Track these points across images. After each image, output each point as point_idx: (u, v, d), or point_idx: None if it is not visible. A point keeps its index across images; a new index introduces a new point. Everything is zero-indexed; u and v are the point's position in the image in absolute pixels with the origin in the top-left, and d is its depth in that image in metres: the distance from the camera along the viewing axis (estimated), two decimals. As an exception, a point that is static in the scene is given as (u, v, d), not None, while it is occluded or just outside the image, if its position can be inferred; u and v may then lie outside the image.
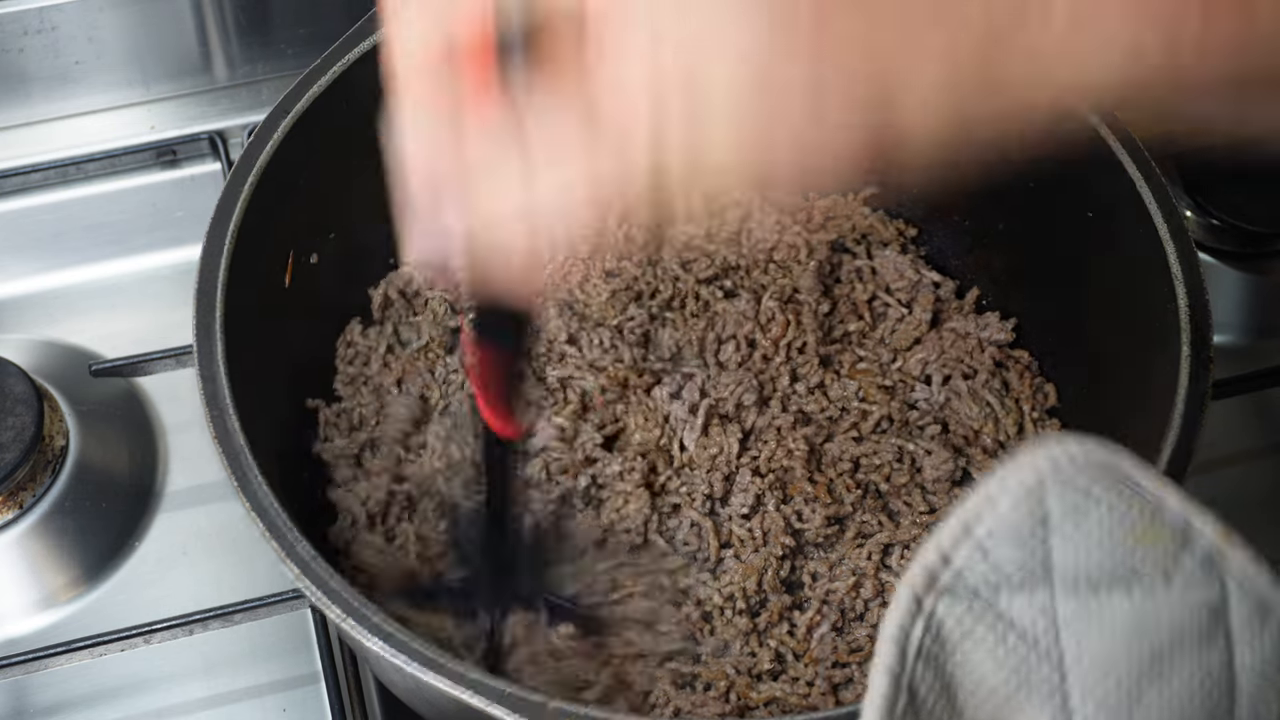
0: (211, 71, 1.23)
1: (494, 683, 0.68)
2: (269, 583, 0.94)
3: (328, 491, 0.92)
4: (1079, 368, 0.95)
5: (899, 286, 1.02)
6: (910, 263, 1.02)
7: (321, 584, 0.71)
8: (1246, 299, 1.15)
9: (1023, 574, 0.54)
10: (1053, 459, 0.55)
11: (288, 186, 0.87)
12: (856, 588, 0.88)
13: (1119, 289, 0.88)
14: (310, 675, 0.95)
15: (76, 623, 0.97)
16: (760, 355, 0.98)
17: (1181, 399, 0.78)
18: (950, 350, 0.98)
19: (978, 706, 0.54)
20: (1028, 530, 0.54)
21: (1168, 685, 0.54)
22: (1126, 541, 0.54)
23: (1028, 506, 0.54)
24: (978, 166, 0.55)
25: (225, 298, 0.81)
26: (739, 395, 0.95)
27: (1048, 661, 0.54)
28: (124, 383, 1.06)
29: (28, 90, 1.20)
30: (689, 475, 0.92)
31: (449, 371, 0.97)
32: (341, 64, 0.89)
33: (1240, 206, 1.14)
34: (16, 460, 0.96)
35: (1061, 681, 0.54)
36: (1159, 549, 0.54)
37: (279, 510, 0.73)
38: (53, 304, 1.13)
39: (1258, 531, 1.01)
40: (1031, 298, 0.98)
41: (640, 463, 0.91)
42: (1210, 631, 0.54)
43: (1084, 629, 0.54)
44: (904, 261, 1.02)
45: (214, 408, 0.77)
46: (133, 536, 1.01)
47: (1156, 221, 0.83)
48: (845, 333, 1.00)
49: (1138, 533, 0.54)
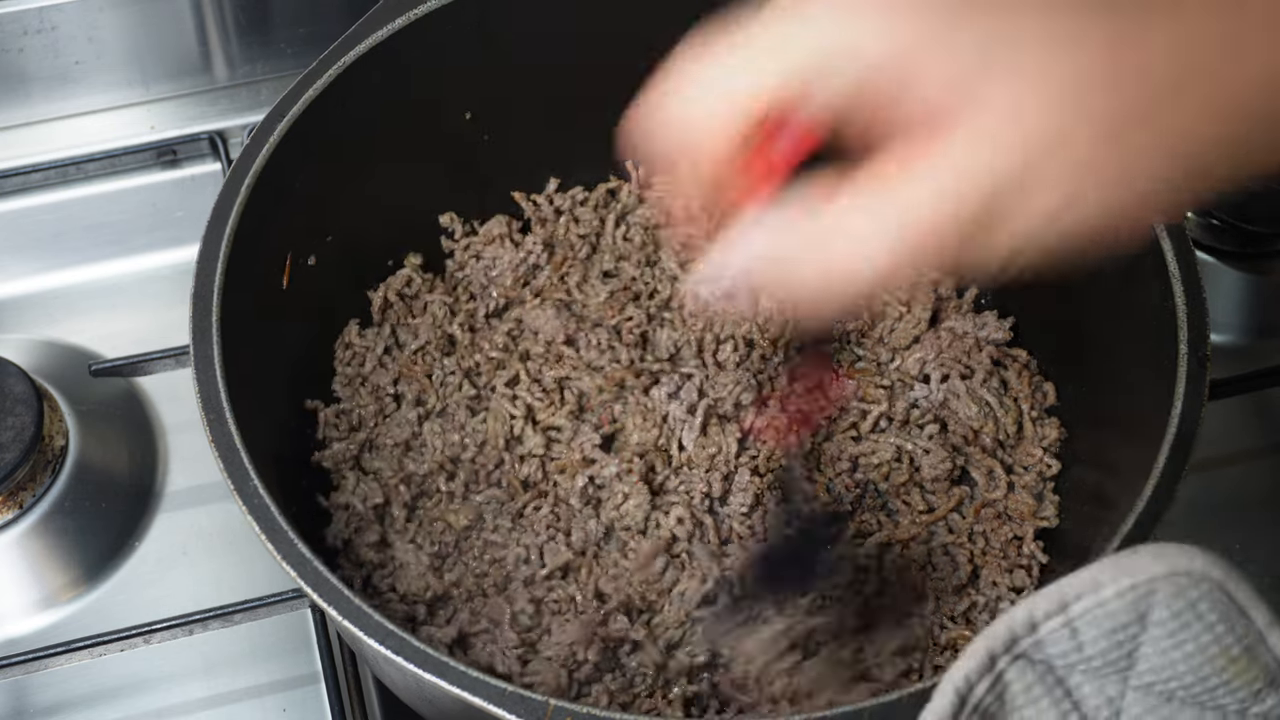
0: (211, 71, 1.23)
1: (494, 682, 0.68)
2: (269, 583, 0.94)
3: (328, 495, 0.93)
4: (1078, 367, 0.95)
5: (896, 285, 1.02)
6: None
7: (321, 584, 0.71)
8: (1246, 299, 1.15)
9: (1104, 662, 0.54)
10: (1171, 564, 0.55)
11: (285, 188, 0.87)
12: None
13: (1117, 288, 0.87)
14: (310, 675, 0.95)
15: (76, 623, 0.97)
16: (759, 355, 0.98)
17: (1180, 398, 0.78)
18: (948, 349, 0.98)
19: None
20: (1124, 623, 0.54)
21: None
22: (1216, 665, 0.54)
23: (1131, 601, 0.54)
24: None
25: (222, 300, 0.81)
26: (737, 395, 0.95)
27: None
28: (124, 383, 1.06)
29: (28, 90, 1.20)
30: (687, 475, 0.93)
31: (446, 373, 0.97)
32: (339, 65, 0.89)
33: (1240, 206, 1.14)
34: (16, 460, 0.96)
35: None
36: (1246, 682, 0.54)
37: (276, 512, 0.73)
38: (53, 304, 1.13)
39: (1258, 531, 1.02)
40: (1030, 297, 0.98)
41: (639, 463, 0.91)
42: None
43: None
44: None
45: (211, 410, 0.77)
46: (133, 536, 1.01)
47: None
48: (844, 331, 1.00)
49: (1230, 660, 0.54)
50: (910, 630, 0.86)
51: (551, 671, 0.83)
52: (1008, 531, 0.91)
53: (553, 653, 0.84)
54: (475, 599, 0.88)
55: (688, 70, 0.57)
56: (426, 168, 1.00)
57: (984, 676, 0.54)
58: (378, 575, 0.89)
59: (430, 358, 0.98)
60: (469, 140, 1.01)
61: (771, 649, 0.82)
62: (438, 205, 1.03)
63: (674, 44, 0.99)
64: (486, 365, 0.97)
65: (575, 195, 1.06)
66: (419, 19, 0.92)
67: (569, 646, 0.84)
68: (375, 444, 0.94)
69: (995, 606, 0.87)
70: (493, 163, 1.03)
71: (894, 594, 0.88)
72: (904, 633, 0.85)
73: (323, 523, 0.91)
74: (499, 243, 1.02)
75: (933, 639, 0.87)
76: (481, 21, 0.95)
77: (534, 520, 0.91)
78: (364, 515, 0.91)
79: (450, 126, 0.99)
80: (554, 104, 1.02)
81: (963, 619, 0.87)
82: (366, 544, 0.90)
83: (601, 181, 1.07)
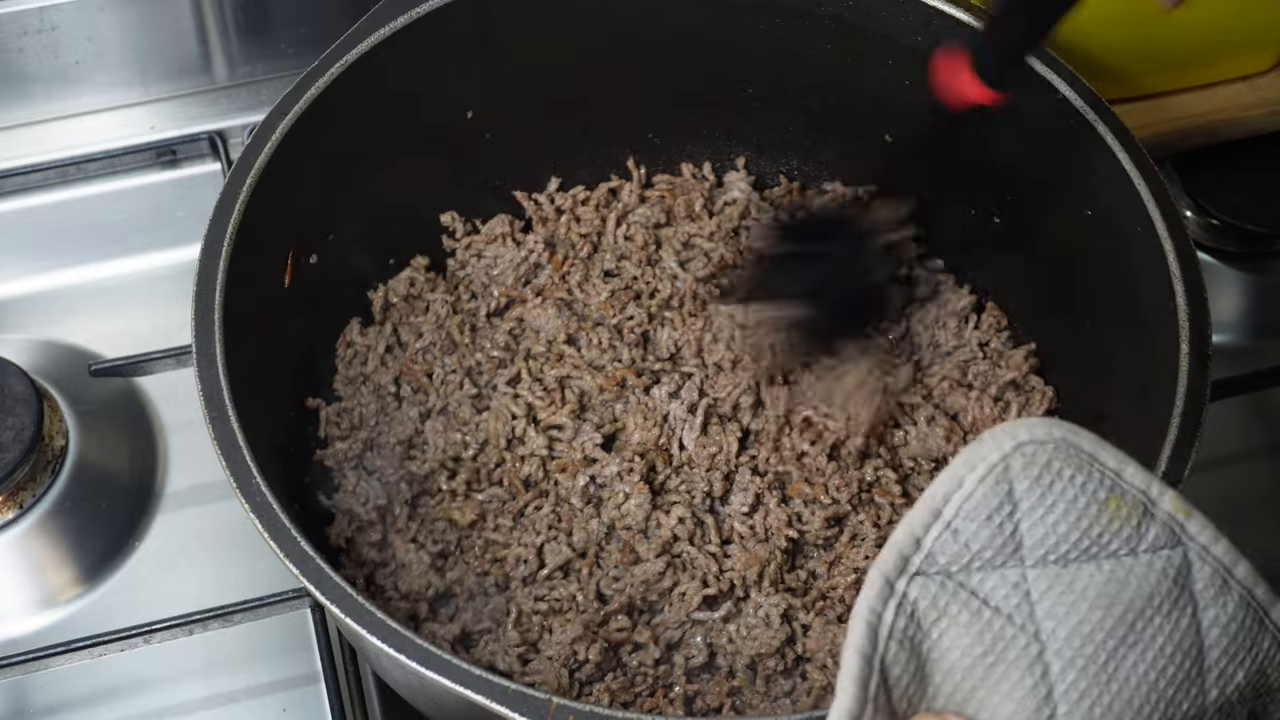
0: (211, 71, 1.23)
1: (497, 680, 0.68)
2: (269, 583, 0.94)
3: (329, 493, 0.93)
4: (1079, 367, 0.95)
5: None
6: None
7: (324, 581, 0.71)
8: (1246, 299, 1.15)
9: (993, 552, 0.56)
10: (1015, 439, 0.56)
11: (287, 187, 0.87)
12: (858, 584, 0.89)
13: (1118, 288, 0.88)
14: (310, 675, 0.95)
15: (76, 623, 0.97)
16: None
17: (1181, 397, 0.78)
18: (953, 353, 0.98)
19: (956, 684, 0.55)
20: (995, 508, 0.56)
21: (1143, 649, 0.55)
22: (1091, 514, 0.56)
23: (994, 485, 0.56)
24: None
25: (224, 299, 0.81)
26: (736, 396, 0.95)
27: (1024, 634, 0.55)
28: (124, 383, 1.06)
29: (28, 90, 1.20)
30: (688, 474, 0.93)
31: (447, 372, 0.97)
32: (340, 65, 0.89)
33: (1240, 206, 1.14)
34: (16, 460, 0.96)
35: (1041, 653, 0.55)
36: (1122, 521, 0.56)
37: (279, 510, 0.73)
38: (53, 304, 1.13)
39: (1258, 531, 1.02)
40: (1030, 297, 0.98)
41: (639, 462, 0.91)
42: (1177, 597, 0.56)
43: (1058, 601, 0.55)
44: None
45: (213, 409, 0.77)
46: (133, 536, 1.01)
47: (1155, 220, 0.83)
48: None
49: (1101, 506, 0.56)
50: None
51: (553, 670, 0.83)
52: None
53: (554, 652, 0.84)
54: (477, 598, 0.88)
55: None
56: (428, 167, 1.00)
57: (888, 602, 0.55)
58: (380, 574, 0.89)
59: (432, 356, 0.98)
60: (470, 139, 1.01)
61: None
62: (439, 204, 1.03)
63: (672, 44, 1.00)
64: (488, 364, 0.97)
65: (576, 194, 1.06)
66: (419, 19, 0.92)
67: (570, 645, 0.84)
68: (376, 443, 0.94)
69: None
70: (494, 162, 1.03)
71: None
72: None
73: (325, 521, 0.91)
74: (500, 242, 1.02)
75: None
76: (481, 21, 0.95)
77: (535, 519, 0.91)
78: (366, 514, 0.91)
79: (451, 126, 0.99)
80: (554, 104, 1.02)
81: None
82: (368, 543, 0.90)
83: (603, 180, 1.07)
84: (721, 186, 1.07)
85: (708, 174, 1.07)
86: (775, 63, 1.00)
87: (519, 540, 0.90)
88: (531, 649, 0.85)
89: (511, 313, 1.00)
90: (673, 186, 1.06)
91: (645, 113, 1.05)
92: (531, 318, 0.99)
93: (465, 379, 0.96)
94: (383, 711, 0.92)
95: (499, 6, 0.95)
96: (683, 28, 0.99)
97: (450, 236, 1.04)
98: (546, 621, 0.87)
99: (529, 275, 1.02)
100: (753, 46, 0.99)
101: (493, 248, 1.02)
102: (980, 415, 0.95)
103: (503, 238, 1.02)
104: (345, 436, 0.94)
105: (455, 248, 1.03)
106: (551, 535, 0.90)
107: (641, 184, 1.06)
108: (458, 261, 1.03)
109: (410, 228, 1.02)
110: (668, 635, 0.87)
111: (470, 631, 0.87)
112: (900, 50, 0.95)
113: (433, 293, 1.00)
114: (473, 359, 0.98)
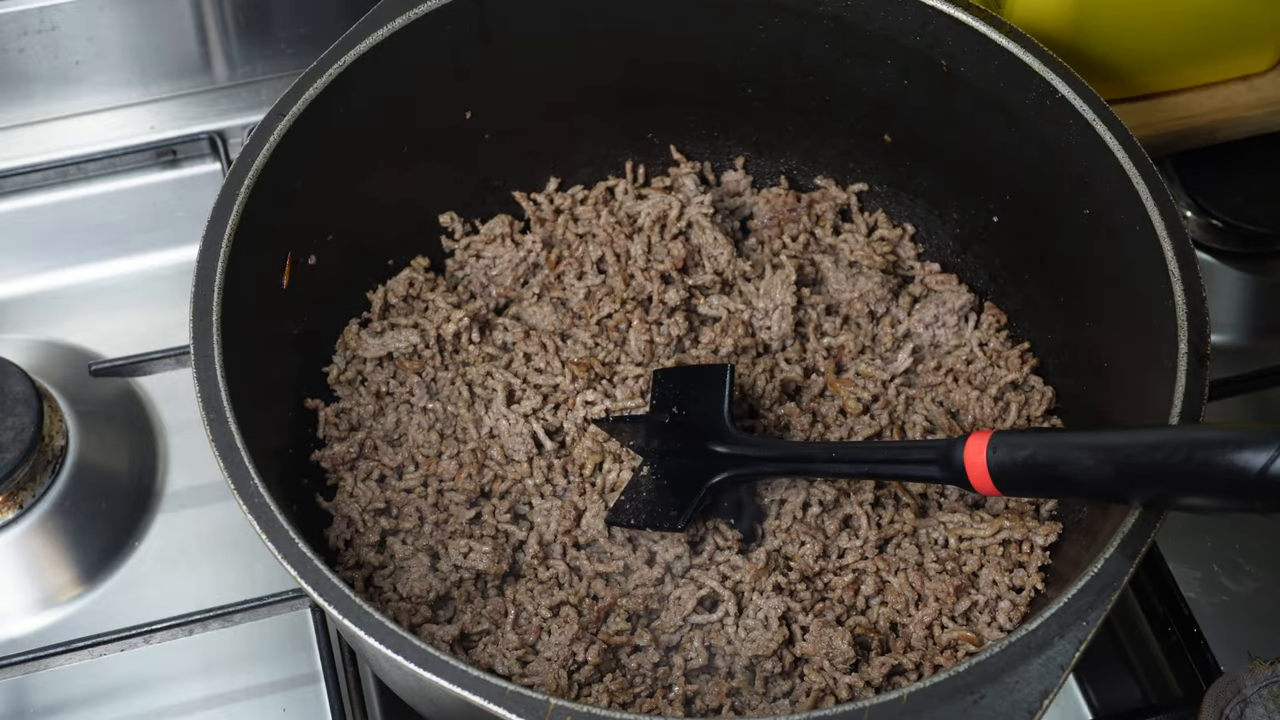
0: (211, 71, 1.24)
1: (495, 681, 0.68)
2: (269, 583, 0.94)
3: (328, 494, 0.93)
4: (1078, 367, 0.95)
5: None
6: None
7: (322, 583, 0.71)
8: (1246, 299, 1.15)
9: None
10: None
11: (286, 187, 0.87)
12: (856, 584, 0.89)
13: (1117, 287, 0.88)
14: (310, 675, 0.95)
15: (76, 623, 0.97)
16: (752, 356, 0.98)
17: (1180, 397, 0.78)
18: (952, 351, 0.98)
19: None
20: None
21: None
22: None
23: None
24: None
25: (222, 300, 0.81)
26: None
27: None
28: (124, 383, 1.06)
29: (28, 90, 1.20)
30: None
31: (445, 372, 0.97)
32: (340, 65, 0.89)
33: (1240, 206, 1.14)
34: (16, 460, 0.96)
35: None
36: None
37: (277, 511, 0.73)
38: (53, 304, 1.13)
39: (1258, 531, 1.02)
40: (1030, 297, 0.98)
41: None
42: None
43: None
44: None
45: (211, 410, 0.77)
46: (133, 536, 1.01)
47: (1154, 219, 0.83)
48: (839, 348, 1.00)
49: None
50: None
51: (551, 672, 0.83)
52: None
53: (553, 653, 0.84)
54: (475, 599, 0.88)
55: None
56: (426, 167, 1.00)
57: None
58: (379, 575, 0.89)
59: (430, 356, 0.98)
60: (469, 139, 1.01)
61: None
62: (438, 204, 1.03)
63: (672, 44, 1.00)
64: (486, 364, 0.97)
65: (575, 194, 1.06)
66: (419, 19, 0.92)
67: (569, 647, 0.84)
68: (374, 443, 0.94)
69: (995, 605, 0.87)
70: (493, 162, 1.03)
71: None
72: None
73: (323, 522, 0.91)
74: (499, 242, 1.02)
75: (933, 639, 0.87)
76: (481, 21, 0.95)
77: (535, 519, 0.91)
78: (364, 516, 0.91)
79: (450, 126, 0.99)
80: (553, 104, 1.02)
81: (963, 619, 0.87)
82: (367, 544, 0.90)
83: (600, 180, 1.07)
84: (720, 185, 1.07)
85: (707, 174, 1.07)
86: (774, 62, 1.00)
87: (519, 539, 0.90)
88: (530, 650, 0.85)
89: (509, 311, 1.00)
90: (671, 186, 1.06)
91: (644, 112, 1.04)
92: (529, 316, 0.99)
93: (462, 379, 0.96)
94: (382, 712, 0.92)
95: (499, 7, 0.95)
96: (682, 28, 0.99)
97: (449, 237, 1.04)
98: (547, 623, 0.86)
99: (527, 275, 1.02)
100: (751, 46, 0.99)
101: (491, 248, 1.02)
102: (980, 415, 0.95)
103: (502, 238, 1.02)
104: (344, 438, 0.94)
105: (454, 248, 1.03)
106: (552, 535, 0.90)
107: (638, 183, 1.06)
108: (456, 261, 1.03)
109: (409, 228, 1.02)
110: (666, 639, 0.87)
111: (469, 633, 0.87)
112: (899, 50, 0.95)
113: (431, 293, 1.00)
114: (471, 358, 0.98)
